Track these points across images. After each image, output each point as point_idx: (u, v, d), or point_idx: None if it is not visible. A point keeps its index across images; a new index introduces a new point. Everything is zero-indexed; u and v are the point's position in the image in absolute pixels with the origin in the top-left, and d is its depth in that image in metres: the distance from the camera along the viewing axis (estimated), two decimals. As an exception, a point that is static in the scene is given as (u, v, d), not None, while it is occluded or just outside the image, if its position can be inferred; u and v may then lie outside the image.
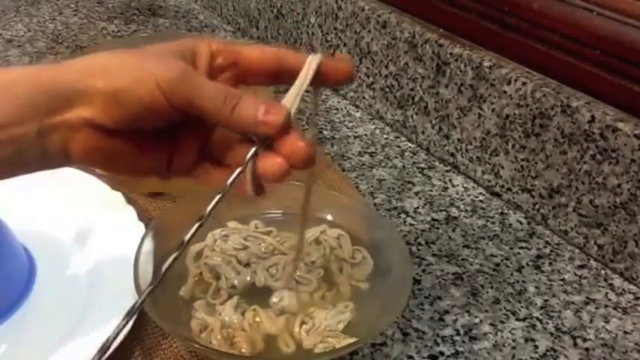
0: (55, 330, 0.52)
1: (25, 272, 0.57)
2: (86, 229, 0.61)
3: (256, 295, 0.55)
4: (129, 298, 0.47)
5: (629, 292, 0.62)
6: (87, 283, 0.56)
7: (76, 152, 0.37)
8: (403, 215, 0.70)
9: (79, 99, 0.36)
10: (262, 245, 0.59)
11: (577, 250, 0.66)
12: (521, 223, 0.70)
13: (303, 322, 0.53)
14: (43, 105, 0.36)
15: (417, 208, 0.71)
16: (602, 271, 0.64)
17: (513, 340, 0.56)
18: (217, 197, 0.38)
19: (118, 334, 0.36)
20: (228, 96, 0.36)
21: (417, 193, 0.73)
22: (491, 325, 0.58)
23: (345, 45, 0.87)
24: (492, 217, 0.70)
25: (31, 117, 0.35)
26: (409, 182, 0.75)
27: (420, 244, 0.66)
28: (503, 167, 0.71)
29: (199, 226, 0.38)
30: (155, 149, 0.39)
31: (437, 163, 0.78)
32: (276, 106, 0.37)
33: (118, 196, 0.64)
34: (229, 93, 0.37)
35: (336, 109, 0.89)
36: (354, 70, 0.41)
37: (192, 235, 0.38)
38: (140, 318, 0.52)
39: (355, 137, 0.83)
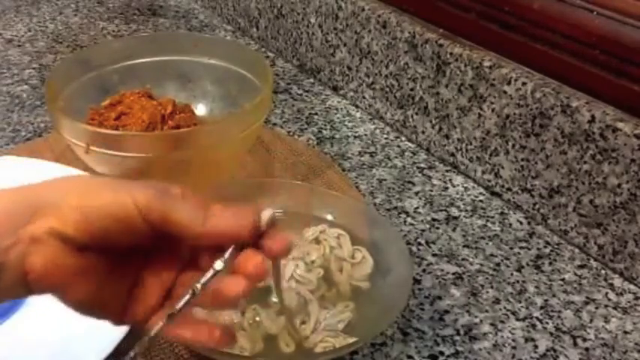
0: (55, 330, 0.52)
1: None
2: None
3: (256, 294, 0.55)
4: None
5: (629, 292, 0.62)
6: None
7: (35, 268, 0.35)
8: (403, 215, 0.70)
9: (49, 210, 0.35)
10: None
11: (577, 250, 0.66)
12: (521, 223, 0.70)
13: (303, 322, 0.53)
14: (4, 225, 0.34)
15: (417, 208, 0.71)
16: (602, 271, 0.64)
17: (513, 340, 0.56)
18: (187, 297, 0.37)
19: None
20: (201, 209, 0.37)
21: (417, 193, 0.73)
22: (491, 325, 0.58)
23: (345, 45, 0.87)
24: (492, 217, 0.70)
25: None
26: (409, 182, 0.75)
27: (420, 244, 0.66)
28: (503, 167, 0.71)
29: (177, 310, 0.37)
30: (118, 277, 0.38)
31: (437, 163, 0.79)
32: (244, 210, 0.38)
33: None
34: (203, 206, 0.37)
35: (336, 109, 0.89)
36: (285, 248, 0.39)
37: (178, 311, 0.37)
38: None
39: (355, 137, 0.83)
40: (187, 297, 0.37)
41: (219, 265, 0.37)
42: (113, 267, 0.37)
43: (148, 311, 0.39)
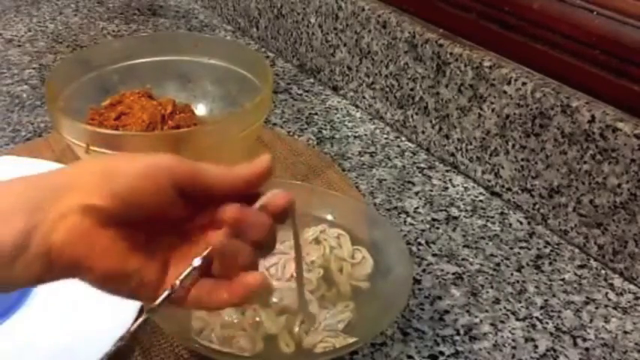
0: (56, 330, 0.52)
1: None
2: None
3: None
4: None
5: (629, 292, 0.62)
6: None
7: (58, 243, 0.35)
8: (403, 215, 0.70)
9: (74, 185, 0.36)
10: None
11: (577, 250, 0.66)
12: (521, 223, 0.70)
13: (303, 322, 0.53)
14: (32, 202, 0.35)
15: (417, 208, 0.71)
16: (602, 271, 0.64)
17: (513, 340, 0.56)
18: (166, 293, 0.38)
19: None
20: (220, 165, 0.40)
21: (417, 193, 0.73)
22: (492, 325, 0.58)
23: (345, 45, 0.87)
24: (492, 217, 0.70)
25: (18, 216, 0.35)
26: (409, 182, 0.75)
27: (420, 244, 0.66)
28: (503, 167, 0.71)
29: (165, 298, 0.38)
30: (146, 252, 0.38)
31: (437, 163, 0.79)
32: (261, 157, 0.41)
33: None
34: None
35: (336, 109, 0.89)
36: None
37: (160, 304, 0.38)
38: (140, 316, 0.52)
39: (355, 137, 0.83)
40: (166, 293, 0.38)
41: (197, 261, 0.38)
42: (137, 242, 0.38)
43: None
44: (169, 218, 0.38)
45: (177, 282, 0.38)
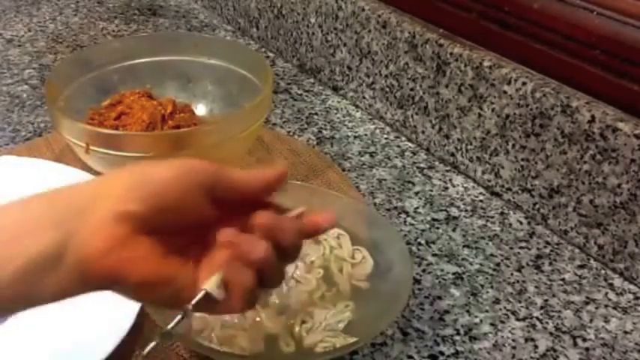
0: (56, 330, 0.52)
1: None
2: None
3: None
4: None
5: (629, 292, 0.62)
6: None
7: (93, 254, 0.35)
8: (403, 215, 0.70)
9: (101, 198, 0.36)
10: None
11: (577, 250, 0.66)
12: (521, 223, 0.70)
13: (303, 322, 0.53)
14: (60, 214, 0.35)
15: (417, 208, 0.71)
16: (602, 271, 0.64)
17: (513, 340, 0.56)
18: (178, 317, 0.37)
19: None
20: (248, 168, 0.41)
21: (417, 193, 0.73)
22: (492, 325, 0.58)
23: (345, 45, 0.87)
24: (492, 217, 0.70)
25: (46, 228, 0.34)
26: (409, 182, 0.75)
27: (420, 244, 0.66)
28: (503, 167, 0.71)
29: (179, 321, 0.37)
30: (180, 257, 0.38)
31: (437, 163, 0.78)
32: (279, 162, 0.41)
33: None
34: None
35: (336, 109, 0.89)
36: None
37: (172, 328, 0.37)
38: (140, 317, 0.52)
39: (355, 137, 0.83)
40: (179, 317, 0.37)
41: (208, 285, 0.37)
42: (171, 247, 0.37)
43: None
44: (200, 221, 0.38)
45: (189, 306, 0.37)
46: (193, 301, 0.37)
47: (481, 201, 0.73)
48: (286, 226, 0.39)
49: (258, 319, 0.53)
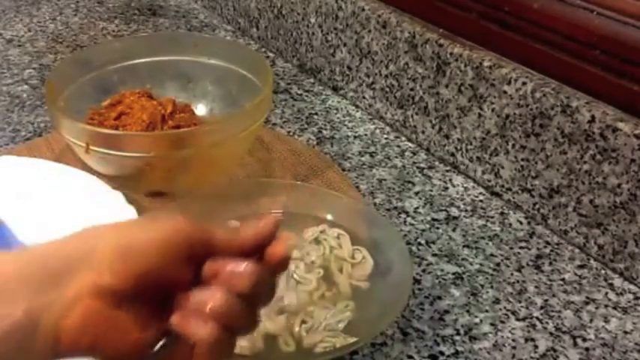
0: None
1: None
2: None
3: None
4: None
5: (629, 292, 0.62)
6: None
7: (69, 329, 0.33)
8: (403, 215, 0.70)
9: (82, 264, 0.34)
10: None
11: (577, 250, 0.66)
12: (521, 223, 0.70)
13: (303, 322, 0.53)
14: (35, 282, 0.33)
15: (417, 208, 0.71)
16: (602, 271, 0.64)
17: (513, 340, 0.56)
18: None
19: None
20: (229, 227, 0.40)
21: (417, 193, 0.73)
22: (492, 325, 0.58)
23: (345, 45, 0.87)
24: (492, 217, 0.70)
25: (18, 300, 0.32)
26: (409, 182, 0.75)
27: (420, 244, 0.66)
28: (503, 167, 0.71)
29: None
30: (159, 321, 0.36)
31: (437, 163, 0.78)
32: (266, 216, 0.39)
33: (118, 196, 0.64)
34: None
35: (336, 109, 0.89)
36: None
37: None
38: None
39: (355, 137, 0.83)
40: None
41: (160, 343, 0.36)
42: (149, 314, 0.36)
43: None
44: (177, 283, 0.37)
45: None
46: (156, 348, 0.36)
47: (481, 201, 0.73)
48: (244, 272, 0.36)
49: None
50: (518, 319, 0.58)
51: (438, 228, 0.68)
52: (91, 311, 0.34)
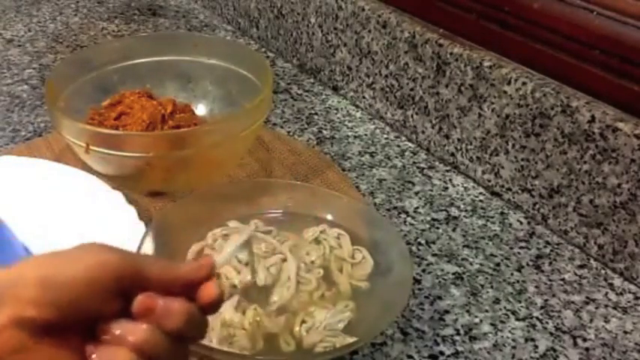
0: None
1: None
2: (86, 228, 0.61)
3: (257, 294, 0.55)
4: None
5: (629, 292, 0.62)
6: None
7: None
8: (403, 215, 0.70)
9: (4, 297, 0.33)
10: (263, 245, 0.59)
11: (577, 250, 0.66)
12: (521, 223, 0.70)
13: (303, 321, 0.53)
14: None
15: (417, 208, 0.71)
16: (602, 271, 0.64)
17: (513, 340, 0.56)
18: None
19: None
20: (164, 261, 0.40)
21: (417, 193, 0.73)
22: (492, 325, 0.58)
23: (345, 45, 0.87)
24: (492, 217, 0.70)
25: None
26: (409, 182, 0.75)
27: (420, 244, 0.66)
28: (503, 167, 0.71)
29: None
30: (83, 351, 0.36)
31: (437, 163, 0.79)
32: (205, 258, 0.40)
33: (118, 196, 0.64)
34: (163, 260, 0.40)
35: (336, 109, 0.89)
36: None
37: None
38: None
39: (355, 137, 0.83)
40: None
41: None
42: (73, 345, 0.35)
43: None
44: (105, 314, 0.36)
45: None
46: None
47: (481, 201, 0.73)
48: (174, 310, 0.36)
49: (258, 318, 0.53)
50: (518, 319, 0.58)
51: (438, 228, 0.68)
52: (14, 342, 0.33)
